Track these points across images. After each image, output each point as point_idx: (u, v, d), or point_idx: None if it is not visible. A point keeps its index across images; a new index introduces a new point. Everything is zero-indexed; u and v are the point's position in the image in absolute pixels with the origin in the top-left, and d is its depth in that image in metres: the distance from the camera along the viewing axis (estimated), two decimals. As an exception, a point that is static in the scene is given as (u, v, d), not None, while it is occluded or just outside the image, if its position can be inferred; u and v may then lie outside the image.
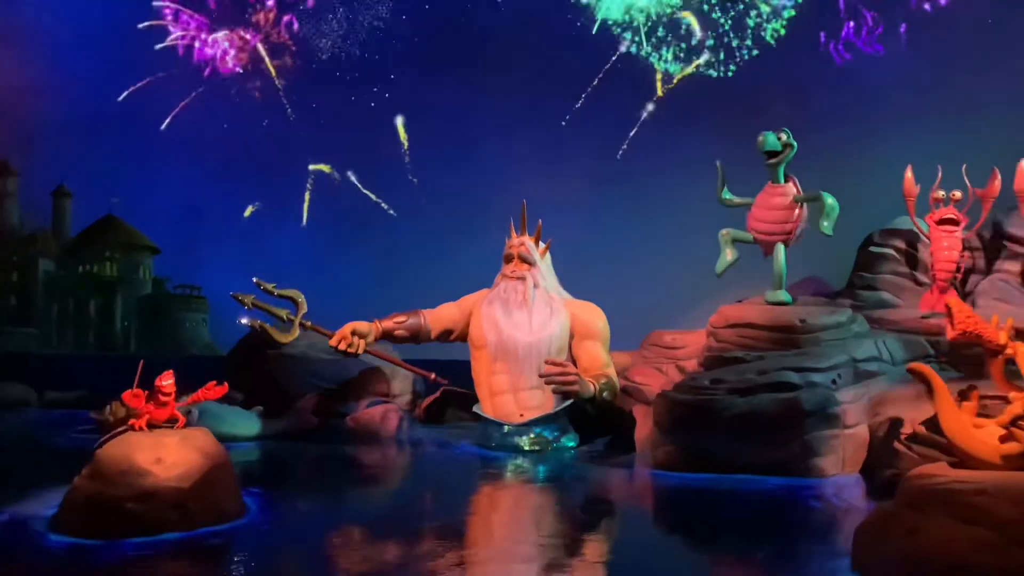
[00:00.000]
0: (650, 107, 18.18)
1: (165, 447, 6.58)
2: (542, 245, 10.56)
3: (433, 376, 10.46)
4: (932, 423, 7.88)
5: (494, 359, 10.07)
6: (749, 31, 17.82)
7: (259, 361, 11.77)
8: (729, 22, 18.02)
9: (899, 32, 14.85)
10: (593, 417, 10.07)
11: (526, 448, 9.86)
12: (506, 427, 9.95)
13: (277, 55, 24.97)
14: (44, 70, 26.89)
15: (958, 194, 10.45)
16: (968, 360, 9.84)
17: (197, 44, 25.19)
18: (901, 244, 11.53)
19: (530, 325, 9.92)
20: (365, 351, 10.22)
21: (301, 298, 10.15)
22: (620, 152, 18.24)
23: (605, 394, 9.45)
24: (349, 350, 10.00)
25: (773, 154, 10.46)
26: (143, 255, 27.75)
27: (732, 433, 8.81)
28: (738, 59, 17.46)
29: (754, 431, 8.78)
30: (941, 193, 10.29)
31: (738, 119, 16.73)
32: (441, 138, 22.24)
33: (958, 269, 10.23)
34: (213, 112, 24.34)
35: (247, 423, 10.62)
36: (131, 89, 25.68)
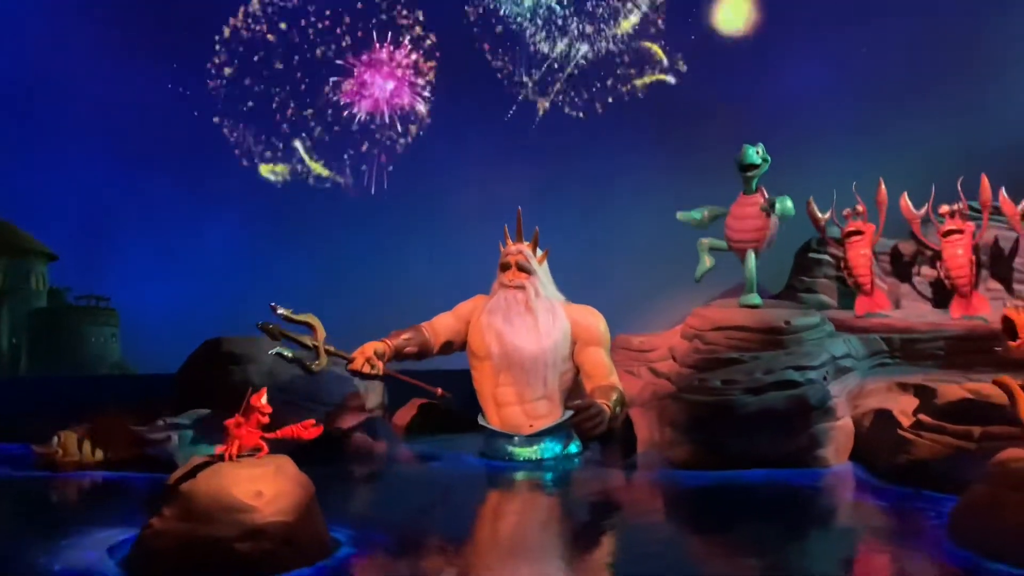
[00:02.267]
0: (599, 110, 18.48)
1: (263, 479, 5.92)
2: (539, 252, 10.50)
3: (440, 391, 10.09)
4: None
5: (499, 371, 9.89)
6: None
7: (221, 378, 10.74)
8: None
9: (831, 58, 16.42)
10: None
11: (537, 458, 9.78)
12: (516, 438, 9.81)
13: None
14: None
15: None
16: (921, 355, 11.14)
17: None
18: (836, 251, 12.67)
19: (534, 335, 9.85)
20: (384, 372, 9.71)
21: (317, 322, 9.39)
22: (572, 155, 18.44)
23: (618, 409, 9.58)
24: (372, 372, 9.42)
25: (751, 167, 11.11)
26: (35, 261, 23.48)
27: (747, 430, 9.31)
28: (684, 70, 18.25)
29: (767, 427, 9.34)
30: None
31: (683, 128, 17.52)
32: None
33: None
34: (121, 93, 21.11)
35: None
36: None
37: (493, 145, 19.06)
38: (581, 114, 18.27)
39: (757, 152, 11.16)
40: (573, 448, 10.11)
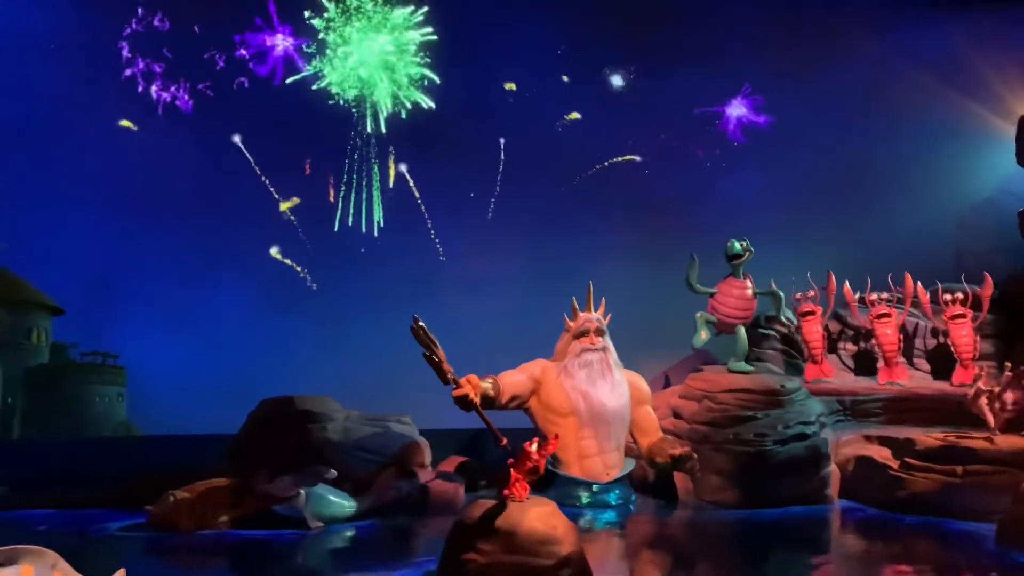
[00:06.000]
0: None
1: (552, 516, 6.92)
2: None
3: (505, 441, 11.08)
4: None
5: (583, 425, 11.12)
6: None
7: (299, 437, 10.98)
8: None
9: (759, 168, 19.55)
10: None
11: (613, 503, 11.12)
12: (595, 486, 11.09)
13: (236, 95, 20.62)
14: None
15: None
16: (865, 413, 13.88)
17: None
18: (781, 328, 15.36)
19: (613, 392, 11.31)
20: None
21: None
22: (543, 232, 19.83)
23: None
24: (472, 403, 9.84)
25: (736, 257, 13.47)
26: (38, 315, 19.45)
27: (778, 474, 11.41)
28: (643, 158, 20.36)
29: (791, 471, 11.50)
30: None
31: (646, 208, 19.78)
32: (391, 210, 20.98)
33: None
34: (139, 148, 19.17)
35: (347, 504, 9.94)
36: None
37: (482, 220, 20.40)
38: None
39: (742, 245, 13.58)
40: (632, 495, 11.58)
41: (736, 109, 20.30)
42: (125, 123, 19.96)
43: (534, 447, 7.23)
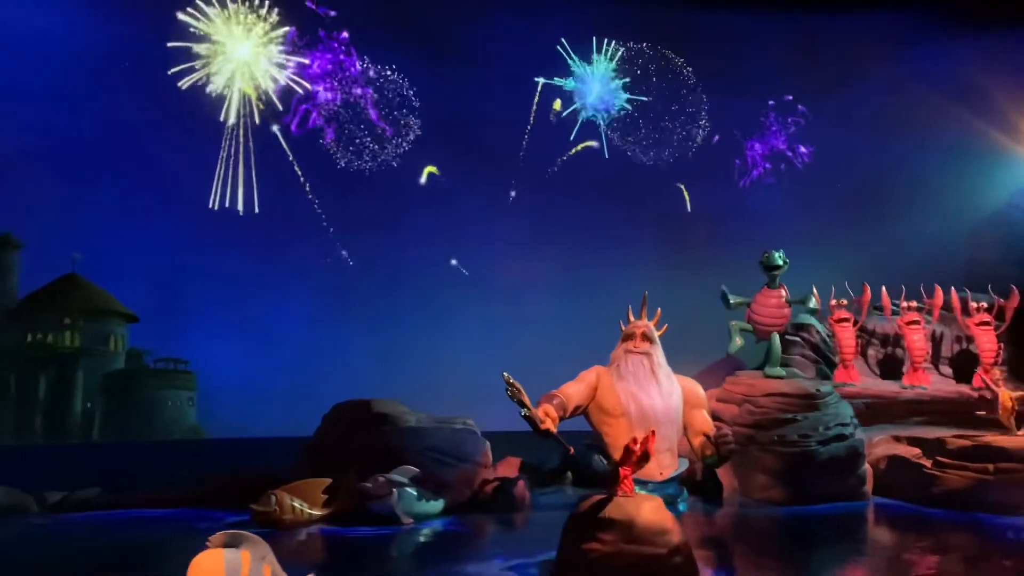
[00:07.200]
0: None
1: (661, 509, 7.66)
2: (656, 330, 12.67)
3: (571, 449, 11.70)
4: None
5: (634, 427, 11.73)
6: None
7: (374, 438, 11.56)
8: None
9: (785, 183, 20.47)
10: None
11: (667, 503, 11.81)
12: (650, 484, 11.76)
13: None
14: None
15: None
16: (889, 414, 14.73)
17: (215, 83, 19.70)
18: (806, 334, 16.18)
19: (662, 395, 11.97)
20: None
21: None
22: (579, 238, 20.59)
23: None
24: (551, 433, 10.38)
25: (775, 267, 14.25)
26: (115, 323, 19.72)
27: (821, 473, 12.20)
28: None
29: (833, 470, 12.30)
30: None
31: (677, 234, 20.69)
32: (424, 214, 21.57)
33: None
34: (211, 157, 19.49)
35: (433, 501, 10.55)
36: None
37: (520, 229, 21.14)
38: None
39: (780, 256, 14.37)
40: (685, 494, 12.28)
41: (762, 129, 21.30)
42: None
43: (636, 444, 7.90)
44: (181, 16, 19.64)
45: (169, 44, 19.30)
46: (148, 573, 7.58)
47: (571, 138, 22.06)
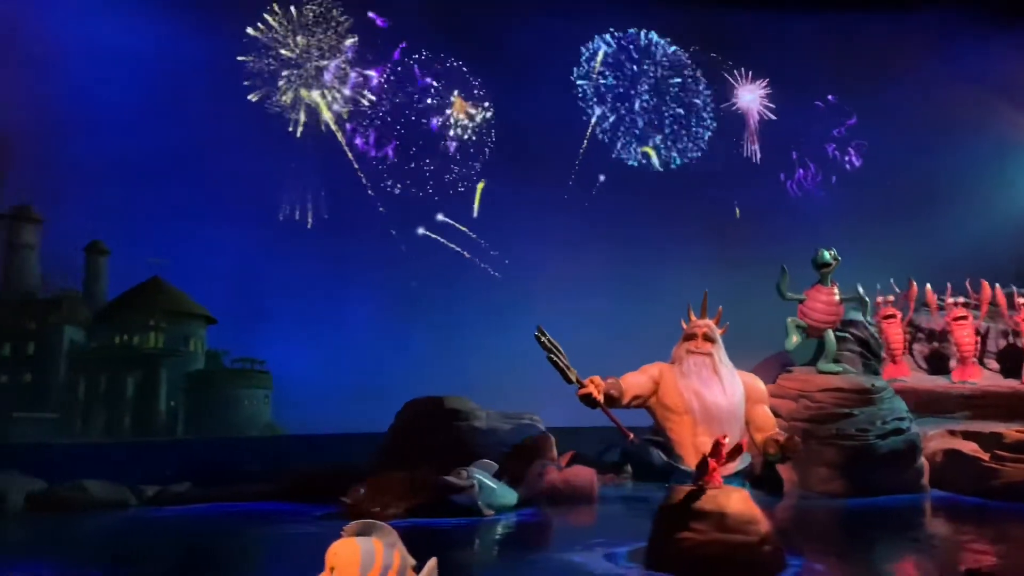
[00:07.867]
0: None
1: (749, 500, 8.00)
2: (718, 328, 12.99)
3: (632, 436, 12.04)
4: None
5: (698, 423, 12.05)
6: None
7: (449, 433, 12.01)
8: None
9: (831, 181, 20.72)
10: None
11: None
12: None
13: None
14: (79, 104, 19.37)
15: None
16: (941, 408, 14.98)
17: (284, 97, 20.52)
18: (855, 331, 16.44)
19: (725, 392, 12.30)
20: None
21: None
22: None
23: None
24: (597, 401, 10.62)
25: (825, 265, 14.52)
26: (195, 325, 20.69)
27: (881, 466, 12.49)
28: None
29: (892, 463, 12.58)
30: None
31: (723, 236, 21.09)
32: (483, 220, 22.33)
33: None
34: (282, 166, 20.26)
35: (511, 494, 10.98)
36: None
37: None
38: None
39: (831, 254, 14.64)
40: (748, 486, 12.62)
41: (810, 129, 21.61)
42: None
43: (726, 439, 8.28)
44: (252, 32, 20.27)
45: (239, 57, 20.01)
46: (267, 562, 8.04)
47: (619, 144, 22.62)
